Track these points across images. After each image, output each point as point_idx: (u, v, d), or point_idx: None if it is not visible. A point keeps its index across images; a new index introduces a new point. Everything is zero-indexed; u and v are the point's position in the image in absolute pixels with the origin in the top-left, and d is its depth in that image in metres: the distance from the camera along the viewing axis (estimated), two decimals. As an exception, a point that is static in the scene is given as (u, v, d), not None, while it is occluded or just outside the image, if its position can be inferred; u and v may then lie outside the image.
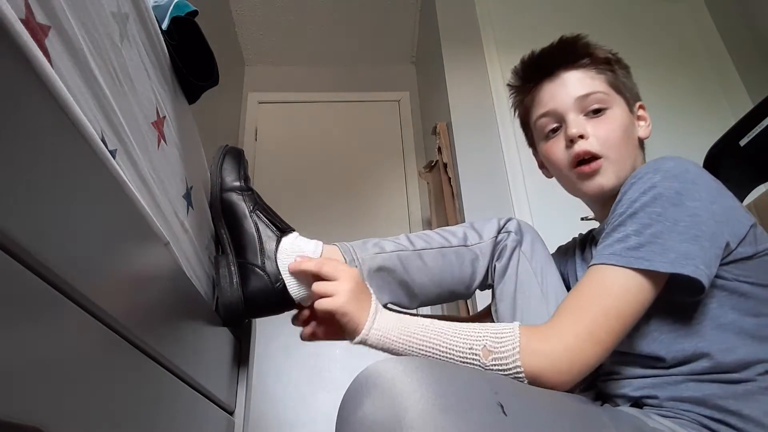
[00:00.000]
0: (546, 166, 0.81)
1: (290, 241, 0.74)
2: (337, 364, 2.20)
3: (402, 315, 0.66)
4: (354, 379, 0.48)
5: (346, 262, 0.73)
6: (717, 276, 0.57)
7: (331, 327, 0.72)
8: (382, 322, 0.63)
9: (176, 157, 0.67)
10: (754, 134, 1.02)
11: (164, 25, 0.70)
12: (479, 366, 0.58)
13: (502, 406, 0.46)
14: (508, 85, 0.84)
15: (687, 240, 0.55)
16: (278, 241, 0.73)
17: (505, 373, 0.56)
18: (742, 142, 1.04)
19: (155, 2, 0.71)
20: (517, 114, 0.85)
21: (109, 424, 0.36)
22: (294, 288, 0.72)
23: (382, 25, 2.81)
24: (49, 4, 0.37)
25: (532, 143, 0.85)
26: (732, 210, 0.60)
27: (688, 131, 1.88)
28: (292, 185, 2.58)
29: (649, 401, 0.60)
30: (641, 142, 0.76)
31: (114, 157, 0.45)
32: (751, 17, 2.13)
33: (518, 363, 0.56)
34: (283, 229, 0.75)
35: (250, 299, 0.70)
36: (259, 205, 0.77)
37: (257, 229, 0.74)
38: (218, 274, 0.72)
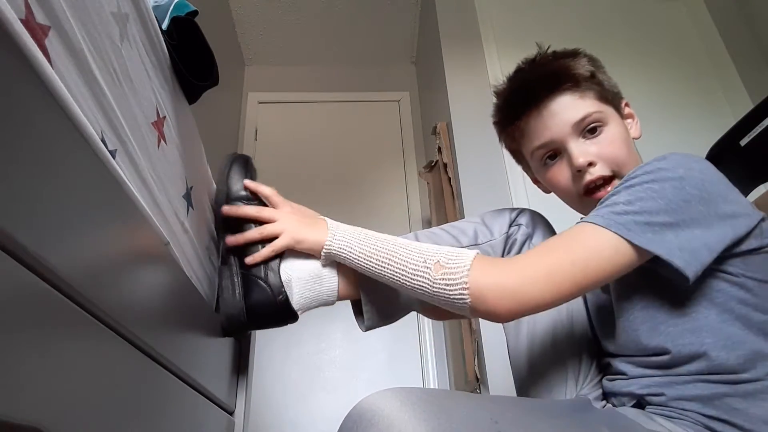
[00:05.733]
0: (546, 187, 0.79)
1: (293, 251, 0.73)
2: (336, 364, 2.20)
3: (363, 229, 0.70)
4: (348, 414, 0.47)
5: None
6: (724, 271, 0.57)
7: None
8: (344, 233, 0.69)
9: (176, 157, 0.67)
10: (754, 134, 1.02)
11: (164, 25, 0.70)
12: (428, 280, 0.59)
13: None
14: (494, 123, 0.81)
15: (674, 223, 0.55)
16: (282, 253, 0.72)
17: (451, 290, 0.57)
18: (743, 142, 1.04)
19: (155, 2, 0.71)
20: (503, 145, 0.82)
21: (108, 424, 0.36)
22: (296, 300, 0.71)
23: (382, 25, 2.81)
24: (49, 4, 0.37)
25: (526, 168, 0.82)
26: (740, 205, 0.59)
27: (688, 131, 1.88)
28: (291, 185, 2.56)
29: (655, 399, 0.59)
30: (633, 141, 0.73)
31: (114, 157, 0.45)
32: (751, 17, 2.13)
33: (465, 279, 0.56)
34: None
35: (251, 311, 0.70)
36: None
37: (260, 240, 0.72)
38: (221, 285, 0.71)
